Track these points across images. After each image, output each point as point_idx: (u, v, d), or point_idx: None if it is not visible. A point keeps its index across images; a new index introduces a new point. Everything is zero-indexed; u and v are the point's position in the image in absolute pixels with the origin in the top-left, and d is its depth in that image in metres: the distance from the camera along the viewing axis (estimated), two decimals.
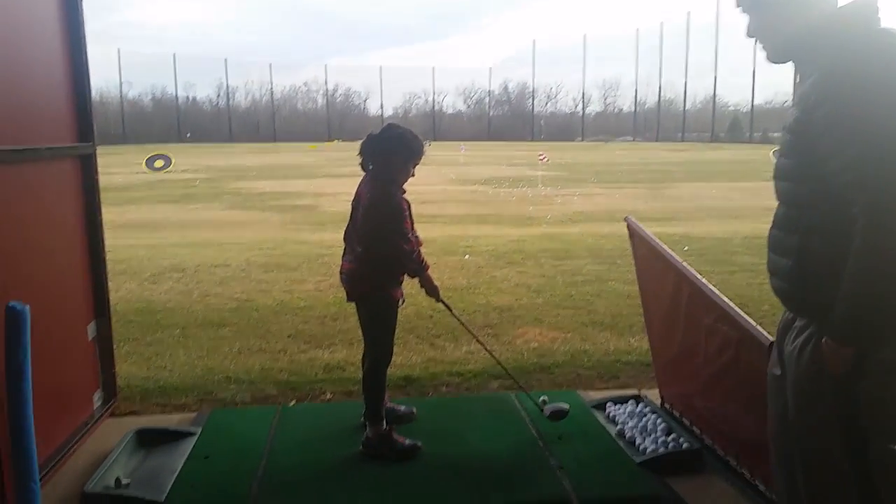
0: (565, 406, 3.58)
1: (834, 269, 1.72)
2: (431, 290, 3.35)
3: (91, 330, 3.70)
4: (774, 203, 2.01)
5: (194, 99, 74.68)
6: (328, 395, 4.16)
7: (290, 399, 4.10)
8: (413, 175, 3.32)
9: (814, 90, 1.73)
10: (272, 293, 6.72)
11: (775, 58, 1.92)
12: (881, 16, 1.77)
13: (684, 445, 3.26)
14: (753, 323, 2.80)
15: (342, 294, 3.40)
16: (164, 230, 11.45)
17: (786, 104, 62.34)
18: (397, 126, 3.33)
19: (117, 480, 2.90)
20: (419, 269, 3.25)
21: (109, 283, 4.00)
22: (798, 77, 1.92)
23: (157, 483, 2.97)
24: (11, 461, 2.26)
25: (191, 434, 3.45)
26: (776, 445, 2.10)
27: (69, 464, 3.19)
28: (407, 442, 3.29)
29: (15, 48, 3.01)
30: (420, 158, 3.30)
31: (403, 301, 3.38)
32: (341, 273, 3.36)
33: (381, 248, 3.20)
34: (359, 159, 3.29)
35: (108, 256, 4.05)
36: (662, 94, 72.47)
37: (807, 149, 1.76)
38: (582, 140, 69.72)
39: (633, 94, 75.60)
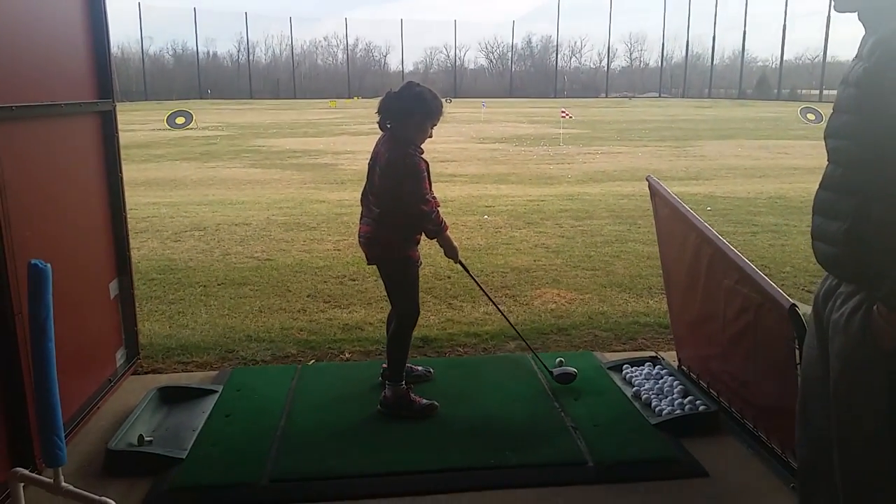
0: (573, 370, 3.61)
1: (894, 234, 1.64)
2: (450, 250, 3.34)
3: (113, 288, 3.75)
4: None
5: (215, 54, 74.45)
6: (346, 355, 4.20)
7: (310, 358, 4.15)
8: (431, 136, 3.28)
9: (892, 39, 1.62)
10: (292, 252, 6.76)
11: (843, 6, 1.81)
12: None
13: (700, 408, 3.26)
14: (774, 286, 2.76)
15: (361, 254, 3.40)
16: (185, 188, 11.52)
17: (816, 60, 60.71)
18: (417, 84, 3.27)
19: (140, 437, 2.97)
20: (438, 231, 3.23)
21: (131, 242, 4.04)
22: (865, 30, 1.81)
23: (179, 440, 3.03)
24: (37, 418, 2.32)
25: (212, 392, 3.51)
26: (807, 414, 2.06)
27: (93, 421, 3.27)
28: (424, 401, 3.33)
29: (33, 3, 2.99)
30: (439, 118, 3.26)
31: (421, 263, 3.38)
32: (359, 236, 3.35)
33: (399, 209, 3.18)
34: (377, 117, 3.25)
35: (130, 214, 4.08)
36: (690, 48, 70.93)
37: (875, 104, 1.65)
38: (606, 96, 68.58)
39: (660, 48, 74.03)
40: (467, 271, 3.54)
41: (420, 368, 3.71)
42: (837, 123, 1.82)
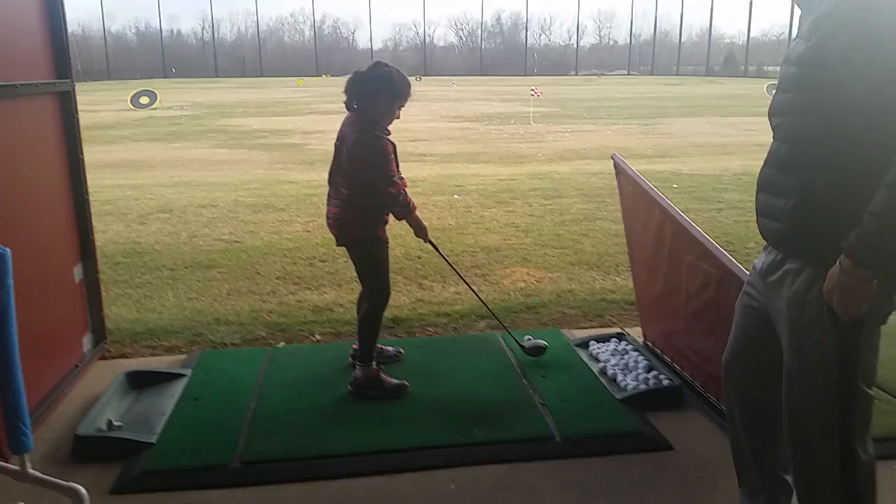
0: (543, 343, 3.71)
1: (840, 207, 1.68)
2: (419, 230, 3.35)
3: (77, 272, 3.70)
4: (766, 139, 1.96)
5: (179, 32, 72.95)
6: (317, 337, 4.21)
7: (280, 340, 4.14)
8: (399, 117, 3.27)
9: (832, 16, 1.66)
10: (260, 234, 6.71)
11: None
12: None
13: (665, 382, 3.34)
14: (734, 261, 2.83)
15: (330, 236, 3.38)
16: (150, 169, 11.33)
17: (782, 36, 61.35)
18: (385, 64, 3.25)
19: (109, 422, 2.95)
20: (405, 212, 3.24)
21: (96, 225, 3.98)
22: (800, 10, 1.86)
23: (149, 425, 3.02)
24: (2, 404, 2.29)
25: (181, 376, 3.49)
26: (731, 370, 2.21)
27: (61, 407, 3.24)
28: (394, 381, 3.35)
29: None
30: (406, 99, 3.24)
31: (387, 243, 3.37)
32: (328, 217, 3.34)
33: (366, 191, 3.18)
34: (344, 97, 3.23)
35: (95, 197, 4.01)
36: (658, 25, 71.29)
37: (819, 81, 1.69)
38: (576, 74, 68.67)
39: (629, 25, 74.26)
40: (437, 250, 3.56)
41: (390, 349, 3.73)
42: (781, 101, 1.86)
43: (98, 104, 26.24)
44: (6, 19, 3.08)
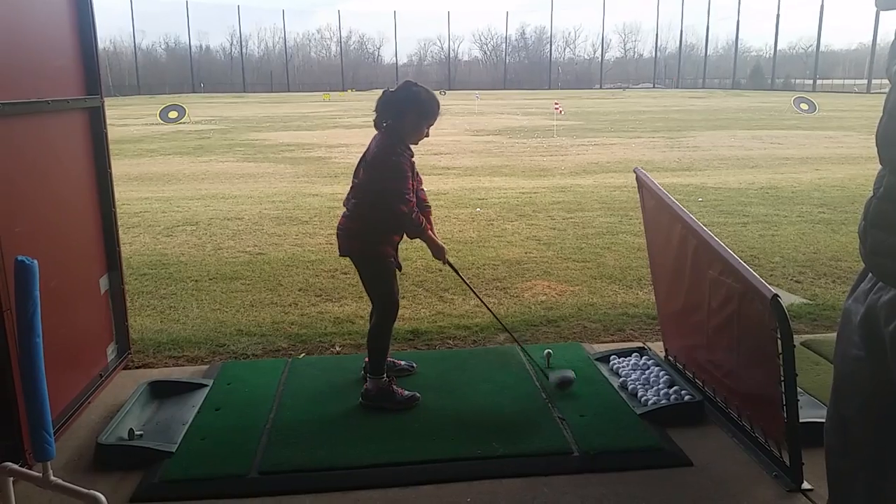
0: (570, 376, 3.51)
1: None
2: (436, 251, 3.36)
3: (104, 283, 3.76)
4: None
5: (207, 48, 74.27)
6: (337, 348, 4.23)
7: (300, 352, 4.17)
8: (428, 135, 3.30)
9: None
10: (284, 246, 6.77)
11: (885, 4, 1.60)
12: None
13: (686, 398, 3.30)
14: (757, 276, 2.79)
15: None
16: (177, 182, 11.51)
17: (809, 49, 60.71)
18: (414, 84, 3.30)
19: (130, 431, 2.99)
20: (417, 230, 3.26)
21: (123, 237, 4.06)
22: None
23: (170, 434, 3.05)
24: (27, 412, 2.34)
25: (202, 386, 3.53)
26: (846, 423, 1.82)
27: (84, 415, 3.29)
28: (406, 393, 3.34)
29: (18, 0, 2.99)
30: (434, 119, 3.27)
31: (400, 267, 3.37)
32: (337, 228, 3.38)
33: (376, 205, 3.21)
34: (373, 114, 3.28)
35: (123, 209, 4.08)
36: (683, 39, 71.01)
37: None
38: (600, 87, 68.58)
39: (654, 39, 74.06)
40: (455, 271, 3.56)
41: (403, 362, 3.72)
42: (892, 128, 1.57)
43: (128, 118, 26.77)
44: (39, 37, 3.17)
